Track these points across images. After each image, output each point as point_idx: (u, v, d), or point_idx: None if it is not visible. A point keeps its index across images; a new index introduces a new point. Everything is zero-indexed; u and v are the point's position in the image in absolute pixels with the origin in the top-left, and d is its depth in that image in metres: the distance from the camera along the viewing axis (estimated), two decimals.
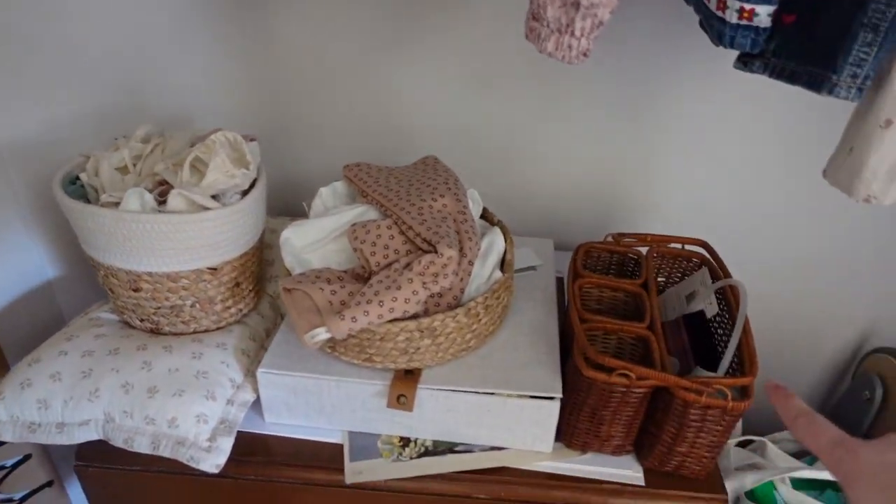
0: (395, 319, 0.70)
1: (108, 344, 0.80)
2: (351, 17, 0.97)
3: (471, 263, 0.76)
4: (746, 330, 0.74)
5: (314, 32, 0.98)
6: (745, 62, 0.57)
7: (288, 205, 1.12)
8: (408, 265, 0.69)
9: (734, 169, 1.03)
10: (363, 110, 1.05)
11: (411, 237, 0.73)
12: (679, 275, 0.95)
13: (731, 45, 0.55)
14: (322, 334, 0.68)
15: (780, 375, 1.19)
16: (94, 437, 0.75)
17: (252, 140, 0.86)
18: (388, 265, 0.72)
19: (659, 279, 0.96)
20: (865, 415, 1.12)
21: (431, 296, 0.74)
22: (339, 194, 0.88)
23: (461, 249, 0.74)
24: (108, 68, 0.99)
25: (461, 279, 0.75)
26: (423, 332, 0.72)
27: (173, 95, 1.02)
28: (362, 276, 0.76)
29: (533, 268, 0.96)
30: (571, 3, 0.51)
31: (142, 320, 0.82)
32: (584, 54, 0.54)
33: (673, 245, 0.92)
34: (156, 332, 0.83)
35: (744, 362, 0.72)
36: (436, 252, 0.68)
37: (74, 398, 0.74)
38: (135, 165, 0.82)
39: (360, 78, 1.02)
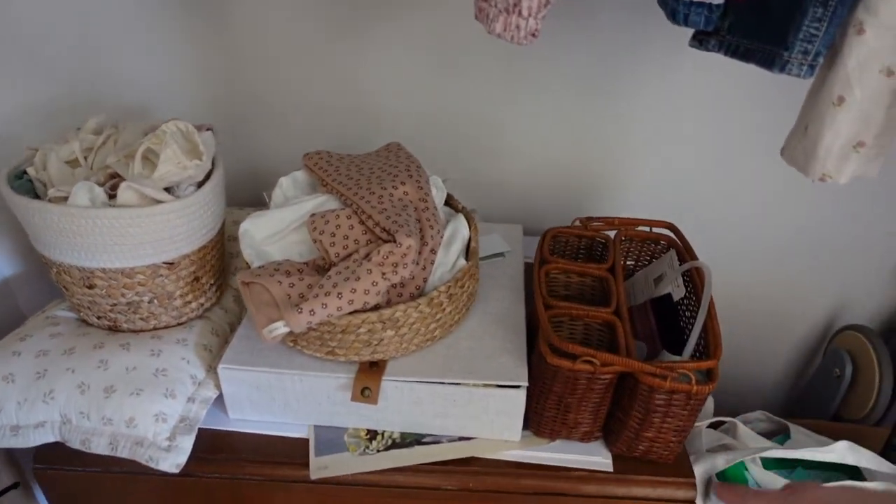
0: (356, 311, 0.68)
1: (64, 343, 0.77)
2: (316, 7, 0.94)
3: (433, 252, 0.75)
4: (711, 313, 0.74)
5: (274, 16, 0.96)
6: (700, 40, 0.56)
7: (253, 195, 1.09)
8: (367, 255, 0.68)
9: (702, 150, 1.02)
10: (327, 96, 1.02)
11: (371, 226, 0.72)
12: (648, 258, 0.95)
13: (686, 23, 0.53)
14: (280, 328, 0.67)
15: (752, 356, 1.20)
16: (51, 439, 0.73)
17: (208, 129, 0.84)
18: (348, 256, 0.71)
19: (628, 262, 0.96)
20: (836, 391, 1.13)
21: (393, 286, 0.72)
22: (300, 184, 0.86)
23: (422, 238, 0.73)
24: (58, 58, 0.96)
25: (423, 268, 0.74)
26: (385, 323, 0.70)
27: (128, 86, 0.99)
28: (323, 268, 0.74)
29: (501, 254, 0.95)
30: None
31: (99, 318, 0.80)
32: (533, 34, 0.53)
33: (641, 228, 0.92)
34: (114, 329, 0.81)
35: (709, 345, 0.72)
36: (395, 241, 0.67)
37: (29, 400, 0.72)
38: (86, 158, 0.79)
39: (323, 63, 1.00)
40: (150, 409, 0.71)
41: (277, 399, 0.76)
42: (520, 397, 0.72)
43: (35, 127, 0.99)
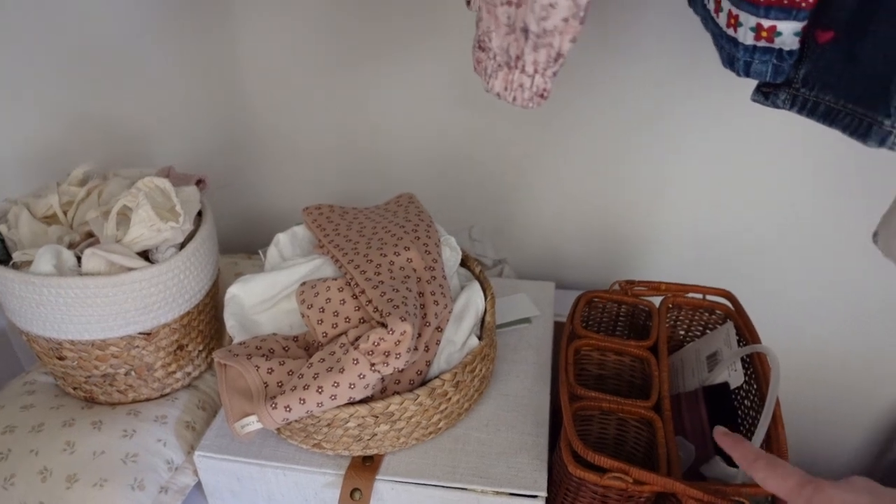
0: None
1: (34, 418, 0.70)
2: (319, 38, 0.86)
3: (439, 330, 0.64)
4: (776, 416, 0.60)
5: (280, 54, 0.88)
6: (765, 94, 0.43)
7: (268, 241, 1.02)
8: (355, 341, 0.58)
9: (764, 202, 0.88)
10: (338, 139, 0.94)
11: (363, 303, 0.61)
12: (700, 328, 0.81)
13: (747, 74, 0.41)
14: (253, 424, 0.57)
15: (823, 436, 1.03)
16: None
17: (199, 182, 0.76)
18: (337, 337, 0.61)
19: (679, 332, 0.83)
20: None
21: (393, 372, 0.62)
22: (300, 240, 0.77)
23: (424, 316, 0.62)
24: (53, 97, 0.90)
25: (426, 349, 0.63)
26: (377, 417, 0.60)
27: (123, 128, 0.92)
28: (314, 346, 0.65)
29: (528, 320, 0.83)
30: (521, 29, 0.39)
31: (74, 388, 0.73)
32: (541, 95, 0.42)
33: (692, 295, 0.78)
34: (90, 400, 0.73)
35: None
36: (386, 328, 0.56)
37: None
38: (66, 213, 0.72)
39: (334, 103, 0.91)
40: (114, 503, 0.63)
41: (261, 492, 0.67)
42: None
43: (35, 166, 0.94)
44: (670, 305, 0.78)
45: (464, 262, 0.77)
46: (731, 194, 0.88)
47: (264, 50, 0.89)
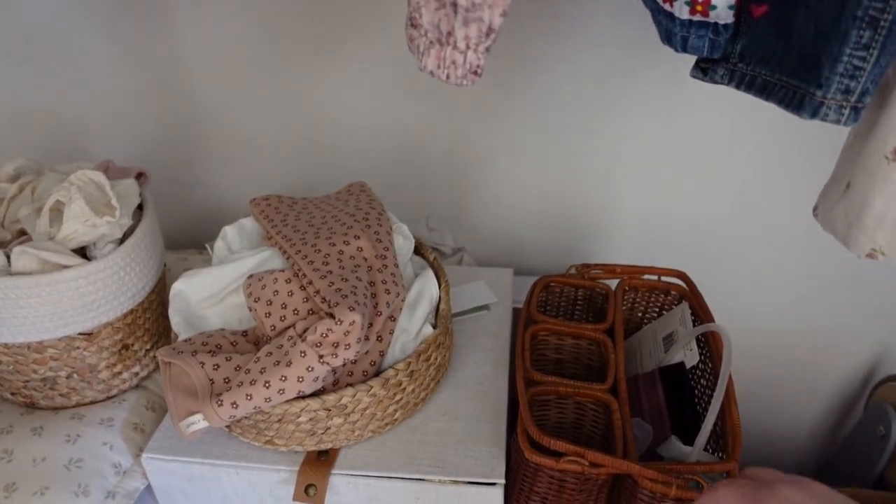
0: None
1: None
2: (264, 29, 0.83)
3: (392, 319, 0.63)
4: (730, 392, 0.61)
5: (225, 46, 0.86)
6: (703, 70, 0.43)
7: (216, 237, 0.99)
8: (303, 333, 0.56)
9: (715, 183, 0.89)
10: (288, 130, 0.91)
11: (312, 294, 0.60)
12: (657, 309, 0.82)
13: (684, 49, 0.41)
14: (199, 423, 0.55)
15: (779, 411, 1.06)
16: None
17: (139, 175, 0.73)
18: (285, 330, 0.59)
19: (637, 314, 0.83)
20: (880, 453, 0.98)
21: (343, 363, 0.60)
22: (249, 233, 0.74)
23: (376, 306, 0.61)
24: None
25: (379, 339, 0.62)
26: (330, 410, 0.58)
27: (68, 124, 0.88)
28: (264, 340, 0.63)
29: (486, 307, 0.82)
30: (450, 4, 0.37)
31: (13, 394, 0.69)
32: (475, 72, 0.41)
33: (647, 277, 0.79)
34: (31, 406, 0.70)
35: (727, 436, 0.58)
36: (334, 318, 0.55)
37: None
38: None
39: (282, 94, 0.89)
40: None
41: (213, 493, 0.65)
42: (496, 497, 0.60)
43: None
44: (626, 288, 0.78)
45: (418, 251, 0.76)
46: (681, 177, 0.88)
47: (209, 41, 0.86)
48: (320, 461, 0.62)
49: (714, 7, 0.38)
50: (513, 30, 0.77)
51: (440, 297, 0.69)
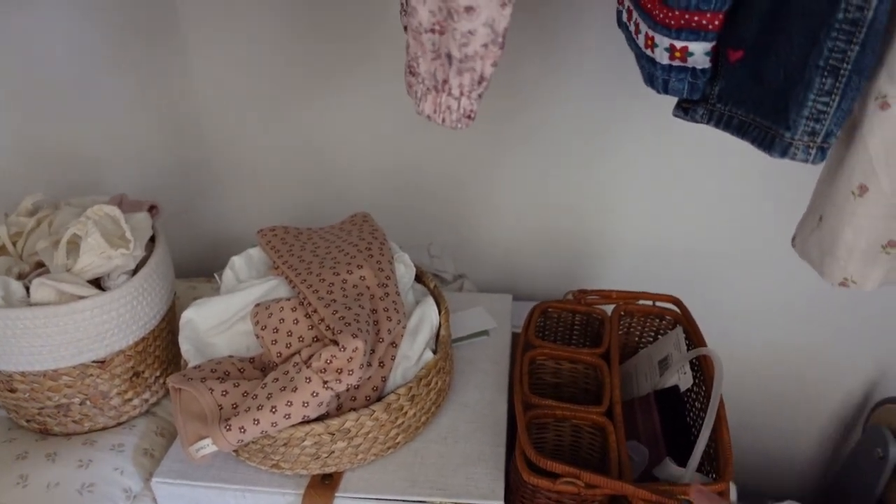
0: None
1: None
2: (270, 63, 0.87)
3: (394, 346, 0.66)
4: (721, 415, 0.62)
5: (233, 80, 0.89)
6: (685, 109, 0.46)
7: (224, 266, 1.02)
8: (308, 359, 0.58)
9: (708, 211, 0.91)
10: (294, 161, 0.95)
11: (316, 322, 0.62)
12: (652, 334, 0.84)
13: (665, 91, 0.44)
14: (208, 447, 0.58)
15: (779, 434, 1.07)
16: None
17: (151, 208, 0.76)
18: (291, 356, 0.61)
19: (633, 338, 0.85)
20: (879, 475, 0.99)
21: (346, 388, 0.63)
22: (256, 263, 0.77)
23: (378, 332, 0.63)
24: (1, 125, 0.89)
25: (381, 365, 0.64)
26: (334, 434, 0.60)
27: (81, 157, 0.92)
28: (271, 366, 0.65)
29: (485, 332, 0.84)
30: (445, 55, 0.41)
31: (28, 421, 0.72)
32: (468, 117, 0.44)
33: (642, 302, 0.81)
34: (44, 432, 0.72)
35: (718, 457, 0.60)
36: (338, 345, 0.57)
37: None
38: (15, 244, 0.71)
39: (288, 127, 0.92)
40: None
41: None
42: None
43: None
44: (622, 313, 0.81)
45: (419, 279, 0.78)
46: (675, 206, 0.91)
47: (217, 75, 0.90)
48: (324, 484, 0.63)
49: (692, 54, 0.41)
50: (513, 68, 0.80)
51: (440, 323, 0.71)
